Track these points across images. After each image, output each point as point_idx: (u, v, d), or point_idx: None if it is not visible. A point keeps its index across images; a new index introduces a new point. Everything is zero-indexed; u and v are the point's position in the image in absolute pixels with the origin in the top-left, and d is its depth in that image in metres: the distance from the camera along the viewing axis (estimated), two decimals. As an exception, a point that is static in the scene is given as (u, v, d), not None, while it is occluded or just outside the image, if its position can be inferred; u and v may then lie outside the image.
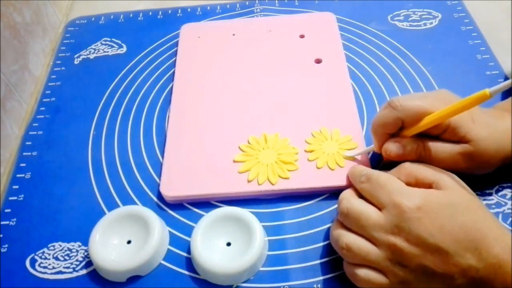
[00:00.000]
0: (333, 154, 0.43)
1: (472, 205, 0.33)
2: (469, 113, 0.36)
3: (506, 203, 0.40)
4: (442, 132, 0.37)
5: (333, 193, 0.42)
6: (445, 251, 0.31)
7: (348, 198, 0.36)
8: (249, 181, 0.42)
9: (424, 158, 0.37)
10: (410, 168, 0.36)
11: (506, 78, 0.48)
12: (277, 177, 0.42)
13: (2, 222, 0.43)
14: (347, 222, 0.35)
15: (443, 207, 0.32)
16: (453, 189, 0.33)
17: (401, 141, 0.38)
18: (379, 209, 0.34)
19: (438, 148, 0.37)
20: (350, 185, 0.41)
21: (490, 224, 0.32)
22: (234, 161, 0.43)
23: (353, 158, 0.42)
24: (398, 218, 0.32)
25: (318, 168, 0.42)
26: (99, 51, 0.58)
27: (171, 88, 0.51)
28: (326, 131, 0.45)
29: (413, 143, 0.38)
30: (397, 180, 0.35)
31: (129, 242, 0.39)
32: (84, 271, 0.39)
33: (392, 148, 0.38)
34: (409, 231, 0.32)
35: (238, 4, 0.61)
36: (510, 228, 0.39)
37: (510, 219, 0.39)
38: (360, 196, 0.36)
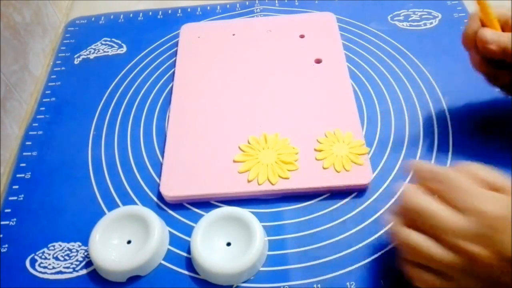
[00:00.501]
0: (342, 157, 0.43)
1: None
2: None
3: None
4: None
5: (333, 193, 0.42)
6: None
7: (416, 193, 0.32)
8: (249, 181, 0.42)
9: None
10: (477, 170, 0.32)
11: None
12: (277, 177, 0.42)
13: (2, 222, 0.43)
14: (417, 220, 0.32)
15: None
16: None
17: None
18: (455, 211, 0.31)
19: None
20: (352, 186, 0.41)
21: None
22: (234, 161, 0.43)
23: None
24: (483, 226, 0.29)
25: (324, 168, 0.42)
26: (99, 51, 0.58)
27: (171, 88, 0.51)
28: (339, 133, 0.44)
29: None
30: (471, 181, 0.32)
31: (129, 242, 0.39)
32: (84, 271, 0.39)
33: (487, 33, 0.36)
34: (494, 241, 0.29)
35: (238, 4, 0.61)
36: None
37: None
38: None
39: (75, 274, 0.39)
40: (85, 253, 0.40)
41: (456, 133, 0.45)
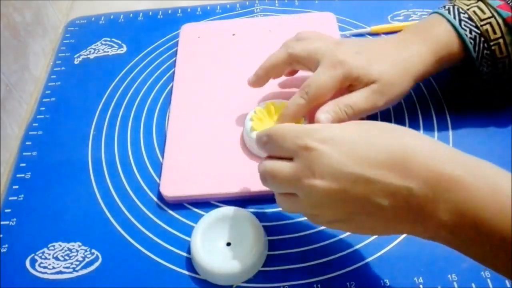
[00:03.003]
0: None
1: (397, 128, 0.31)
2: (365, 56, 0.40)
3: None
4: (349, 87, 0.40)
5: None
6: (364, 178, 0.29)
7: (262, 163, 0.35)
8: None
9: (351, 115, 0.39)
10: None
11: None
12: None
13: (2, 222, 0.43)
14: (265, 183, 0.35)
15: (353, 132, 0.31)
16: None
17: (326, 108, 0.39)
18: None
19: (356, 100, 0.40)
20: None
21: (423, 143, 0.30)
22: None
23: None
24: (308, 159, 0.30)
25: None
26: (99, 51, 0.58)
27: (171, 88, 0.51)
28: None
29: (334, 107, 0.39)
30: (297, 124, 0.34)
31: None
32: (84, 271, 0.39)
33: (323, 117, 0.39)
34: (321, 168, 0.30)
35: (238, 4, 0.61)
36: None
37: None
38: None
39: (75, 274, 0.39)
40: (85, 253, 0.40)
41: (456, 133, 0.45)
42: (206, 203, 0.42)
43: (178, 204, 0.43)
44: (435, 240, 0.30)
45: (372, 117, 0.47)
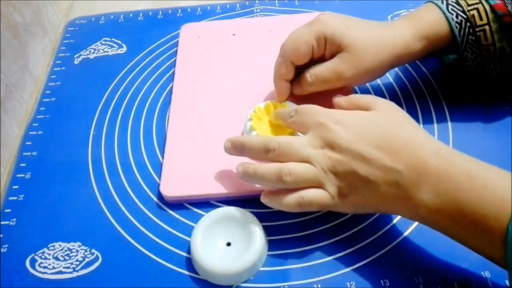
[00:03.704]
0: None
1: (400, 122, 0.36)
2: (346, 23, 0.41)
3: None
4: (324, 52, 0.42)
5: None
6: (365, 156, 0.34)
7: (274, 138, 0.38)
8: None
9: (315, 84, 0.42)
10: (351, 97, 0.39)
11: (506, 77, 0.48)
12: None
13: (2, 222, 0.43)
14: (280, 155, 0.37)
15: (365, 122, 0.36)
16: (383, 111, 0.36)
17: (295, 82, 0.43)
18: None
19: (322, 68, 0.41)
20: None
21: (416, 134, 0.35)
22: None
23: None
24: (321, 133, 0.36)
25: None
26: (99, 51, 0.58)
27: (171, 88, 0.51)
28: None
29: (301, 75, 0.42)
30: (322, 107, 0.38)
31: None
32: (84, 271, 0.39)
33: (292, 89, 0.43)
34: (332, 141, 0.35)
35: (238, 4, 0.61)
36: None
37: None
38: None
39: (75, 274, 0.39)
40: (85, 253, 0.40)
41: (456, 132, 0.45)
42: (206, 203, 0.42)
43: (178, 204, 0.43)
44: (419, 220, 0.34)
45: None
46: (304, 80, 0.42)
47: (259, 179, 0.37)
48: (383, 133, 0.34)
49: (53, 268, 0.40)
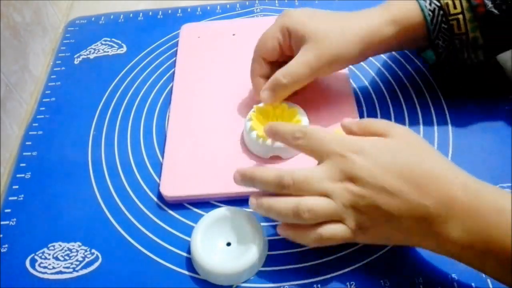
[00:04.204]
0: None
1: (420, 149, 0.34)
2: (311, 16, 0.41)
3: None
4: (291, 49, 0.42)
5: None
6: (389, 190, 0.32)
7: (287, 172, 0.35)
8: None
9: (291, 83, 0.41)
10: (364, 123, 0.37)
11: (505, 77, 0.48)
12: None
13: (2, 222, 0.43)
14: (296, 191, 0.34)
15: (385, 151, 0.33)
16: (400, 137, 0.34)
17: (265, 86, 0.43)
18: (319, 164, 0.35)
19: (291, 66, 0.41)
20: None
21: (442, 166, 0.33)
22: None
23: None
24: (341, 164, 0.33)
25: None
26: (99, 51, 0.58)
27: (171, 88, 0.51)
28: (340, 133, 0.44)
29: (272, 80, 0.42)
30: (331, 131, 0.36)
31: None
32: (84, 271, 0.39)
33: (263, 95, 0.43)
34: (354, 174, 0.33)
35: (238, 4, 0.61)
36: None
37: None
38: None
39: (75, 274, 0.39)
40: (85, 253, 0.40)
41: (456, 132, 0.45)
42: (206, 203, 0.42)
43: (178, 204, 0.43)
44: (447, 255, 0.33)
45: (371, 113, 0.47)
46: (278, 82, 0.42)
47: (274, 214, 0.35)
48: (405, 163, 0.32)
49: (53, 268, 0.40)
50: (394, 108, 0.48)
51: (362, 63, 0.52)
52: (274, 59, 0.44)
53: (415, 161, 0.32)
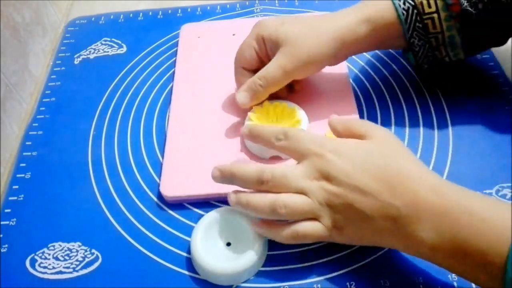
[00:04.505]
0: None
1: (395, 152, 0.35)
2: (285, 22, 0.42)
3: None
4: (269, 56, 0.43)
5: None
6: (362, 189, 0.33)
7: (268, 167, 0.36)
8: None
9: (266, 86, 0.42)
10: (347, 123, 0.37)
11: (505, 77, 0.48)
12: None
13: (2, 222, 0.43)
14: (274, 187, 0.35)
15: (361, 152, 0.34)
16: (378, 139, 0.35)
17: (243, 87, 0.44)
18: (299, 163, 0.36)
19: (266, 70, 0.42)
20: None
21: (414, 168, 0.33)
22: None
23: None
24: (318, 163, 0.34)
25: None
26: (99, 51, 0.58)
27: (171, 88, 0.51)
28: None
29: (249, 83, 0.43)
30: (315, 133, 0.37)
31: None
32: (84, 271, 0.39)
33: (239, 96, 0.44)
34: (328, 173, 0.34)
35: (238, 4, 0.61)
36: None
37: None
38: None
39: (75, 274, 0.39)
40: (85, 253, 0.40)
41: (456, 133, 0.45)
42: (206, 203, 0.42)
43: (178, 204, 0.43)
44: (418, 256, 0.33)
45: (371, 113, 0.47)
46: (254, 84, 0.43)
47: (252, 209, 0.36)
48: (380, 164, 0.33)
49: (53, 268, 0.40)
50: (394, 108, 0.48)
51: (361, 63, 0.52)
52: (254, 68, 0.45)
53: (389, 163, 0.33)
